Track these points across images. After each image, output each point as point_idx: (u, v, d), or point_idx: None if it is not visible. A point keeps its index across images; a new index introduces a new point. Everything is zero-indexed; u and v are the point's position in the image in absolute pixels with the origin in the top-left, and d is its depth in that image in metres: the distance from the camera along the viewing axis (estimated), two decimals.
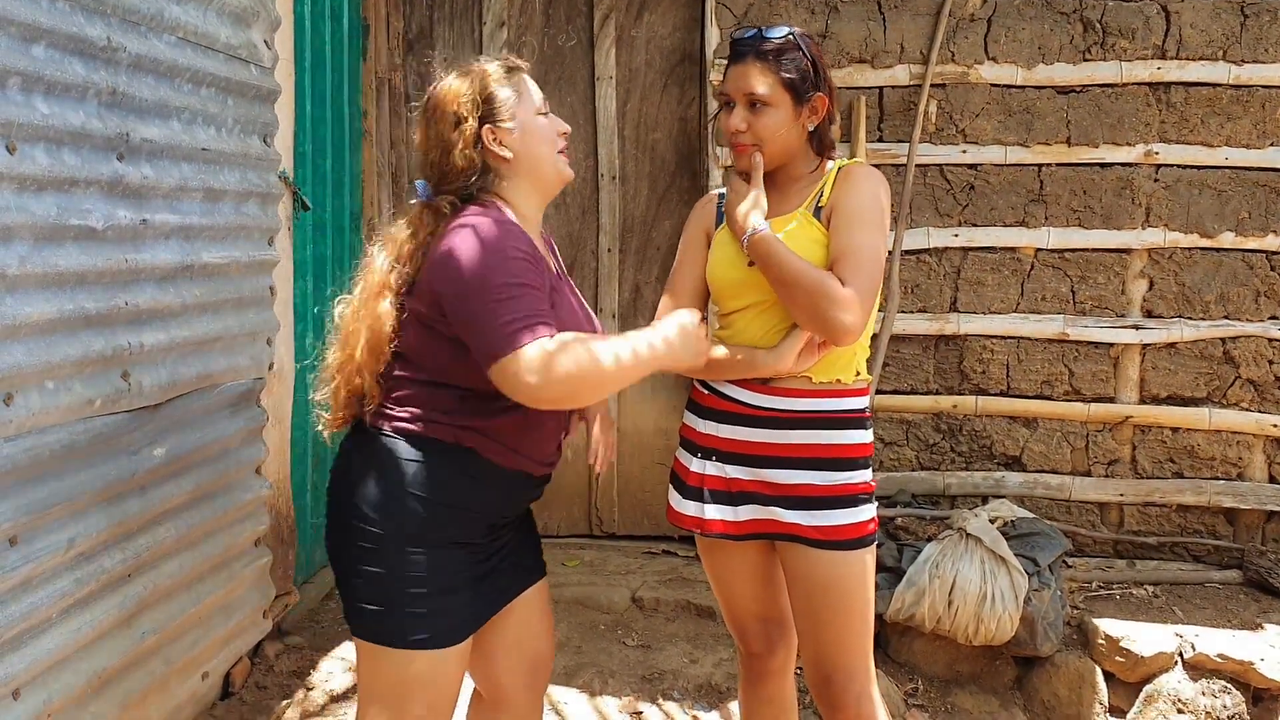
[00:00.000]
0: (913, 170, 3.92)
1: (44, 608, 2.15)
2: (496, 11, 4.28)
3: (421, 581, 1.92)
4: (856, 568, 2.12)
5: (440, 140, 1.97)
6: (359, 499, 1.94)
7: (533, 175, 2.02)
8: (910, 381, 4.04)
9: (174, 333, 2.57)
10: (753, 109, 2.12)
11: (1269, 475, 3.96)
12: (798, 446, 2.12)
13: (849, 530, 2.11)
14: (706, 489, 2.21)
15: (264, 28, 3.00)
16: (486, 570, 2.03)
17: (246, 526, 2.98)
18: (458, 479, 1.93)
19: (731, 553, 2.27)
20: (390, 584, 1.92)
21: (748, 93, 2.12)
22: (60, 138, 2.16)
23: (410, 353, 1.94)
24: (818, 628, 2.15)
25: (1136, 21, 3.85)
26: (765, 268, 2.07)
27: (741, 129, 2.13)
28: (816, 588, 2.12)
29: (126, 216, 2.37)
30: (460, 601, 1.96)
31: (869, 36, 3.94)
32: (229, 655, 2.97)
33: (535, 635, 2.18)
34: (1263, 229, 3.88)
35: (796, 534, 2.12)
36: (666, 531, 4.34)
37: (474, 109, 1.95)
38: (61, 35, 2.15)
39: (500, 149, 1.97)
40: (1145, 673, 3.38)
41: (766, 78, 2.10)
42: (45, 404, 2.12)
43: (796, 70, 2.11)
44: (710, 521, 2.21)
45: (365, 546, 1.93)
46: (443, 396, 1.93)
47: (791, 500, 2.12)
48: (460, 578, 1.97)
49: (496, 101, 1.97)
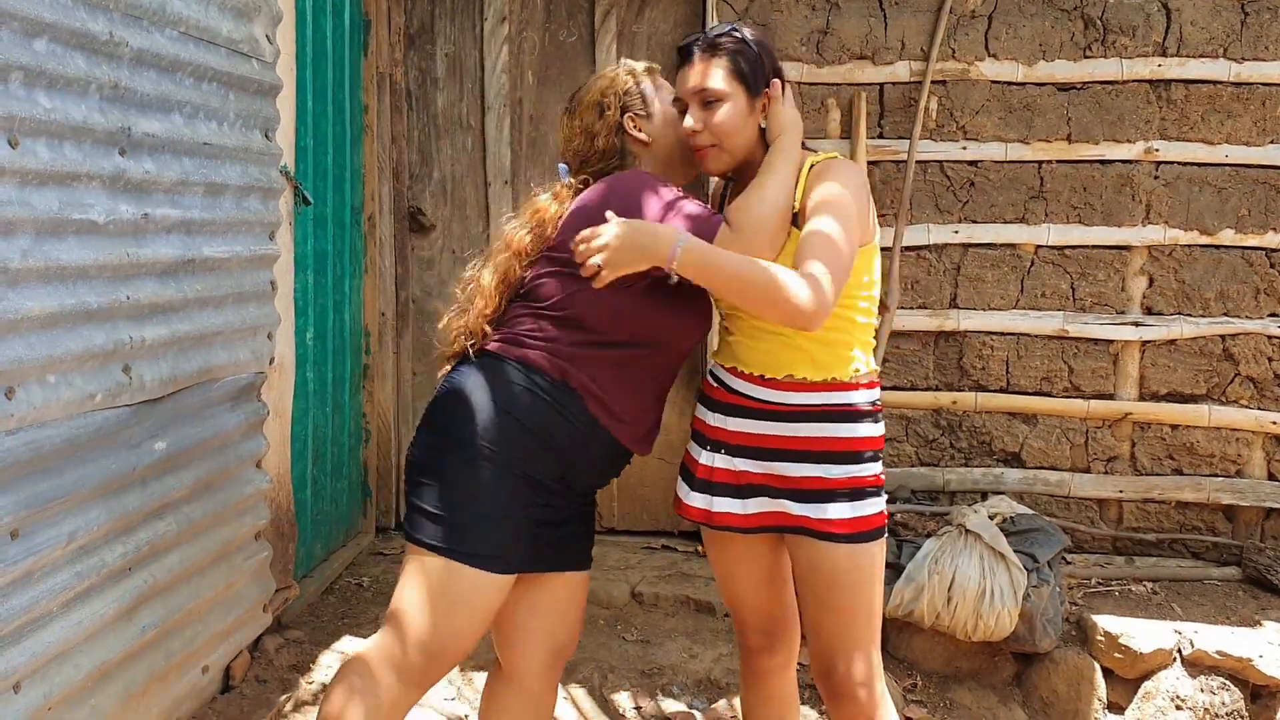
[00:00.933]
0: (913, 166, 3.92)
1: (44, 601, 2.15)
2: (498, 7, 4.27)
3: (489, 498, 2.01)
4: (865, 560, 2.12)
5: (585, 128, 2.23)
6: (452, 409, 2.06)
7: (667, 159, 2.23)
8: (910, 378, 4.05)
9: (175, 327, 2.57)
10: (706, 107, 2.11)
11: (1268, 472, 3.97)
12: (805, 440, 2.12)
13: (858, 523, 2.11)
14: (715, 481, 2.21)
15: (266, 22, 3.00)
16: (548, 519, 2.11)
17: (247, 520, 2.99)
18: (552, 414, 2.04)
19: (737, 546, 2.28)
20: (460, 493, 2.02)
21: (699, 89, 2.11)
22: (62, 132, 2.16)
23: (539, 291, 2.11)
24: (824, 619, 2.15)
25: (1137, 19, 3.85)
26: (708, 279, 1.98)
27: (698, 129, 2.12)
28: (824, 580, 2.12)
29: (128, 211, 2.37)
30: (518, 534, 2.05)
31: (870, 33, 3.94)
32: (229, 649, 2.98)
33: (567, 622, 2.25)
34: (1263, 226, 3.88)
35: (806, 527, 2.12)
36: (666, 526, 4.36)
37: (616, 100, 2.21)
38: (64, 30, 2.15)
39: (638, 133, 2.21)
40: (1144, 669, 3.38)
41: (716, 71, 2.11)
42: (46, 398, 2.12)
43: (746, 60, 2.11)
44: (718, 514, 2.22)
45: (447, 451, 2.03)
46: (560, 328, 2.06)
47: (801, 493, 2.12)
48: (524, 512, 2.06)
49: (635, 94, 2.23)
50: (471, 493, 2.02)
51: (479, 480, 2.02)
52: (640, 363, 2.12)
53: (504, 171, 4.32)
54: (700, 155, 2.16)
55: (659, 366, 2.17)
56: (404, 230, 4.37)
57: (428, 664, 2.03)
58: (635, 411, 2.13)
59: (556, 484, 2.11)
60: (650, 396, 2.18)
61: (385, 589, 3.85)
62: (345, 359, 4.04)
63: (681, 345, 2.19)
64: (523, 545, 2.07)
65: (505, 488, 2.03)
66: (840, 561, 2.11)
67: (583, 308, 2.06)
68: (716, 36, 2.14)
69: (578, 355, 2.06)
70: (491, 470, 2.02)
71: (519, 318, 2.12)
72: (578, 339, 2.06)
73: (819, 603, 2.15)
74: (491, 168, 4.33)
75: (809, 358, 2.13)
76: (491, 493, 2.02)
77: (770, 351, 2.15)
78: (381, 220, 4.28)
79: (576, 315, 2.07)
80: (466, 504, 2.02)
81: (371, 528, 4.36)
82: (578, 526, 2.23)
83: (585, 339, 2.06)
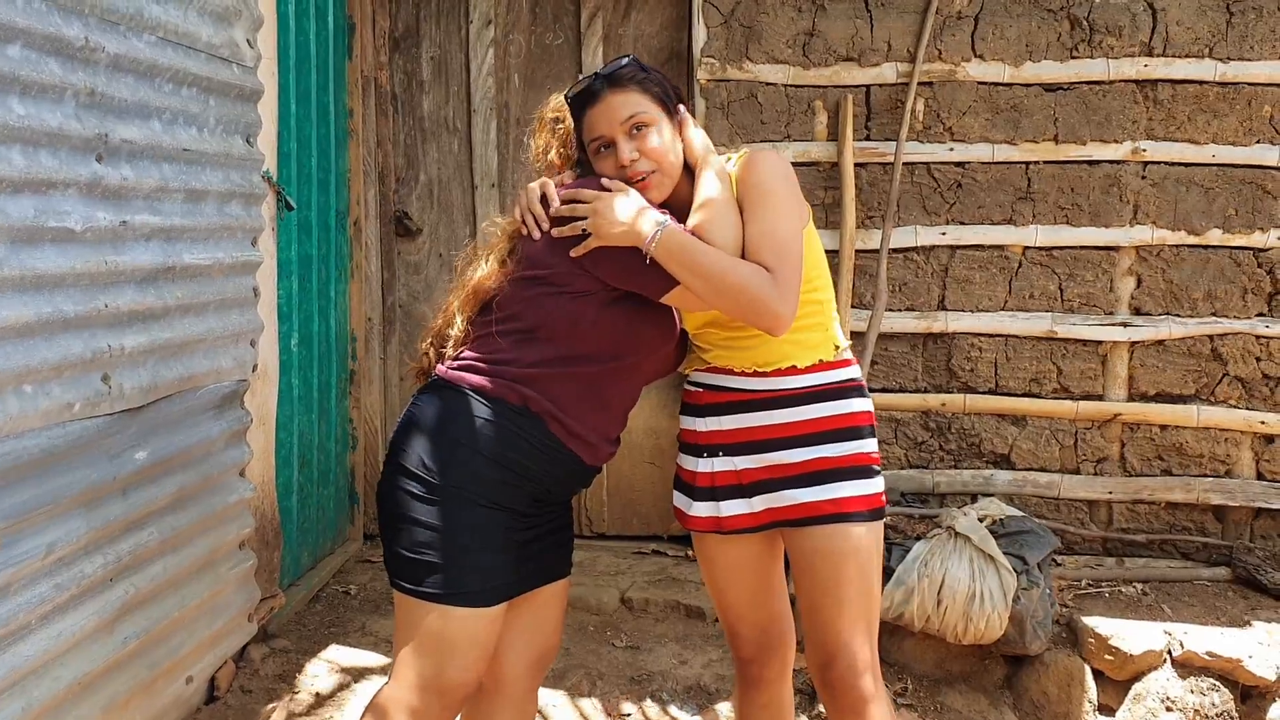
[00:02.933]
0: (900, 168, 3.91)
1: (23, 614, 2.13)
2: (484, 10, 4.26)
3: (466, 536, 1.98)
4: (868, 540, 2.11)
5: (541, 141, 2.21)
6: (416, 446, 2.01)
7: None
8: (899, 380, 4.04)
9: (155, 335, 2.55)
10: (636, 134, 2.06)
11: (1257, 472, 3.96)
12: (803, 423, 2.12)
13: (862, 502, 2.10)
14: (719, 486, 2.19)
15: (246, 26, 2.98)
16: (528, 540, 2.08)
17: (231, 529, 2.96)
18: (516, 441, 2.00)
19: (730, 555, 2.24)
20: (434, 535, 1.98)
21: (626, 118, 2.05)
22: (37, 139, 2.14)
23: (507, 304, 2.04)
24: (829, 604, 2.09)
25: (1123, 19, 3.85)
26: (684, 268, 1.96)
27: (634, 158, 2.05)
28: (834, 563, 2.08)
29: (106, 218, 2.35)
30: (502, 563, 2.02)
31: (856, 35, 3.93)
32: (214, 659, 2.95)
33: (548, 629, 2.24)
34: (1250, 226, 3.88)
35: (814, 514, 2.09)
36: (656, 531, 4.33)
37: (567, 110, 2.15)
38: (38, 35, 2.13)
39: None
40: (1134, 671, 3.37)
41: (636, 97, 2.07)
42: (23, 408, 2.10)
43: (656, 85, 2.10)
44: (727, 519, 2.19)
45: (415, 493, 1.99)
46: (519, 347, 2.01)
47: (805, 478, 2.10)
48: (503, 541, 2.02)
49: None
50: (447, 533, 1.97)
51: (452, 519, 1.97)
52: (603, 380, 2.06)
53: (491, 174, 4.31)
54: (643, 186, 2.07)
55: (622, 384, 2.12)
56: (390, 234, 4.35)
57: (443, 702, 2.01)
58: (599, 430, 2.09)
59: (530, 507, 2.07)
60: (613, 415, 2.14)
61: (373, 596, 3.82)
62: (331, 365, 4.02)
63: (644, 361, 2.12)
64: (510, 570, 2.04)
65: (480, 522, 1.99)
66: (851, 540, 2.08)
67: (542, 318, 2.01)
68: (616, 70, 2.09)
69: (537, 376, 2.00)
70: (463, 508, 1.98)
71: (480, 338, 2.07)
72: (536, 358, 2.01)
73: (825, 588, 2.10)
74: (478, 171, 4.31)
75: (794, 346, 2.12)
76: (467, 530, 1.98)
77: (755, 350, 2.14)
78: (367, 224, 4.26)
79: (534, 326, 2.01)
80: (445, 545, 1.97)
81: (359, 534, 4.33)
82: (557, 536, 2.19)
83: (544, 356, 2.01)
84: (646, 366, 2.15)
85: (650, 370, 2.18)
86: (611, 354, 2.04)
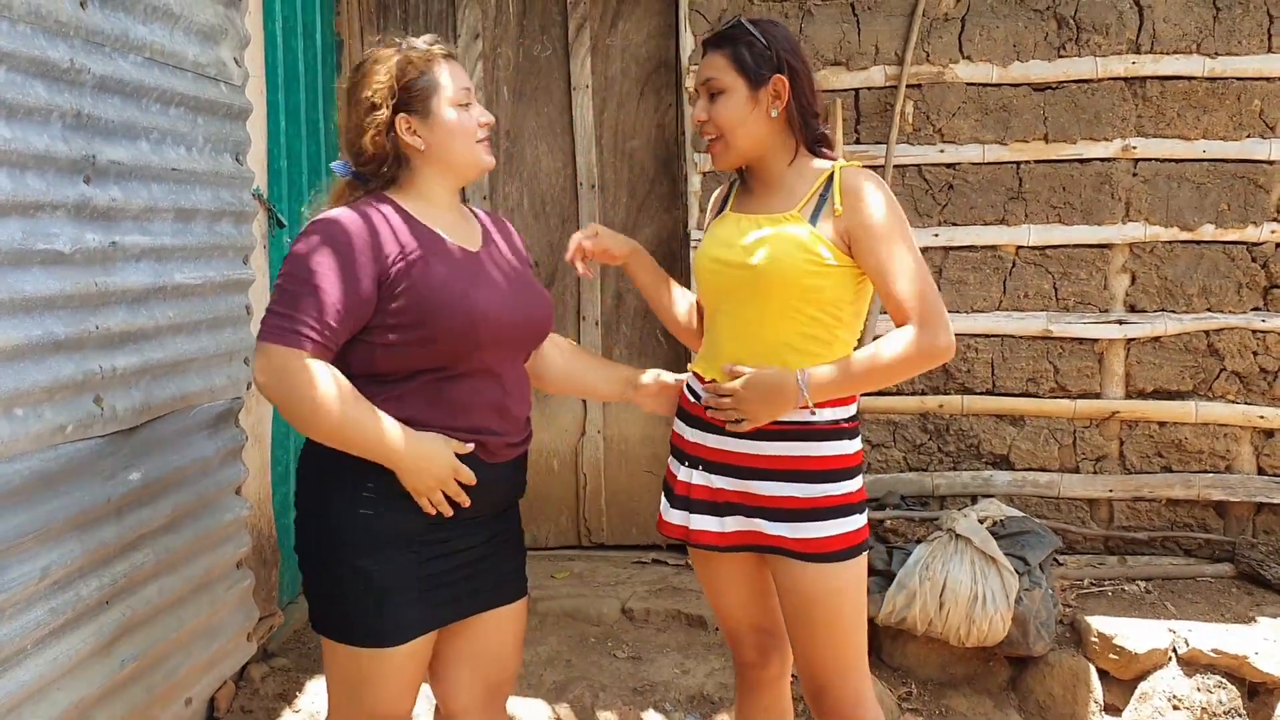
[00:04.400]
0: (891, 171, 3.91)
1: (17, 639, 2.11)
2: (471, 24, 4.26)
3: (362, 579, 1.91)
4: (845, 579, 2.08)
5: (355, 124, 1.97)
6: (303, 496, 1.99)
7: (444, 165, 2.02)
8: (895, 382, 4.02)
9: (148, 355, 2.53)
10: (712, 99, 2.10)
11: (1258, 467, 3.95)
12: (777, 458, 2.08)
13: (834, 542, 2.06)
14: (693, 498, 2.18)
15: (233, 45, 2.97)
16: (438, 570, 1.98)
17: (228, 548, 2.95)
18: (374, 470, 1.89)
19: (722, 563, 2.24)
20: (333, 580, 1.94)
21: (704, 80, 2.11)
22: (24, 161, 2.13)
23: None
24: (809, 639, 2.11)
25: (1110, 17, 3.85)
26: (844, 391, 2.06)
27: (703, 118, 2.12)
28: (805, 600, 2.08)
29: (95, 239, 2.34)
30: (404, 601, 1.93)
31: (843, 39, 3.93)
32: (213, 680, 2.93)
33: (500, 656, 2.14)
34: (1242, 221, 3.87)
35: (781, 547, 2.08)
36: (655, 540, 4.32)
37: (390, 96, 1.94)
38: (23, 58, 2.12)
39: (413, 139, 1.98)
40: (1139, 670, 3.36)
41: (719, 62, 2.09)
42: (14, 432, 2.09)
43: (748, 51, 2.07)
44: (696, 532, 2.18)
45: (310, 542, 1.97)
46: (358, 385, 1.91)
47: (774, 512, 2.08)
48: (403, 578, 1.93)
49: (414, 90, 1.96)
50: (345, 578, 1.92)
51: (347, 563, 1.91)
52: (444, 386, 1.94)
53: (482, 187, 4.30)
54: (709, 150, 2.15)
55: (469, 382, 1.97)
56: None
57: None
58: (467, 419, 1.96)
59: (430, 531, 1.96)
60: (480, 402, 1.97)
61: None
62: None
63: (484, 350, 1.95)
64: (414, 607, 1.95)
65: (376, 563, 1.91)
66: (818, 581, 2.06)
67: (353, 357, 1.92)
68: (726, 28, 2.12)
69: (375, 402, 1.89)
70: (355, 550, 1.91)
71: None
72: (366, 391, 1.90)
73: (801, 622, 2.11)
74: (470, 185, 4.29)
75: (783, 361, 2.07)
76: (366, 572, 1.91)
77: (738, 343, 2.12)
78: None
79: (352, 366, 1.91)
80: (345, 590, 1.92)
81: None
82: (493, 561, 2.07)
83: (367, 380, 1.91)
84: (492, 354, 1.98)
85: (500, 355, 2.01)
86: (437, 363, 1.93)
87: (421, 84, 1.97)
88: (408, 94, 1.96)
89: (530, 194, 4.33)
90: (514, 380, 2.06)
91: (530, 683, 3.29)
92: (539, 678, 3.32)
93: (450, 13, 4.27)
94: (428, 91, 1.97)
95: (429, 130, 1.98)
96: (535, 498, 4.37)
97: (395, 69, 1.96)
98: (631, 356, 4.30)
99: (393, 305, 1.89)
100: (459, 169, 2.04)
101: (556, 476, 4.40)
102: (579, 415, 4.35)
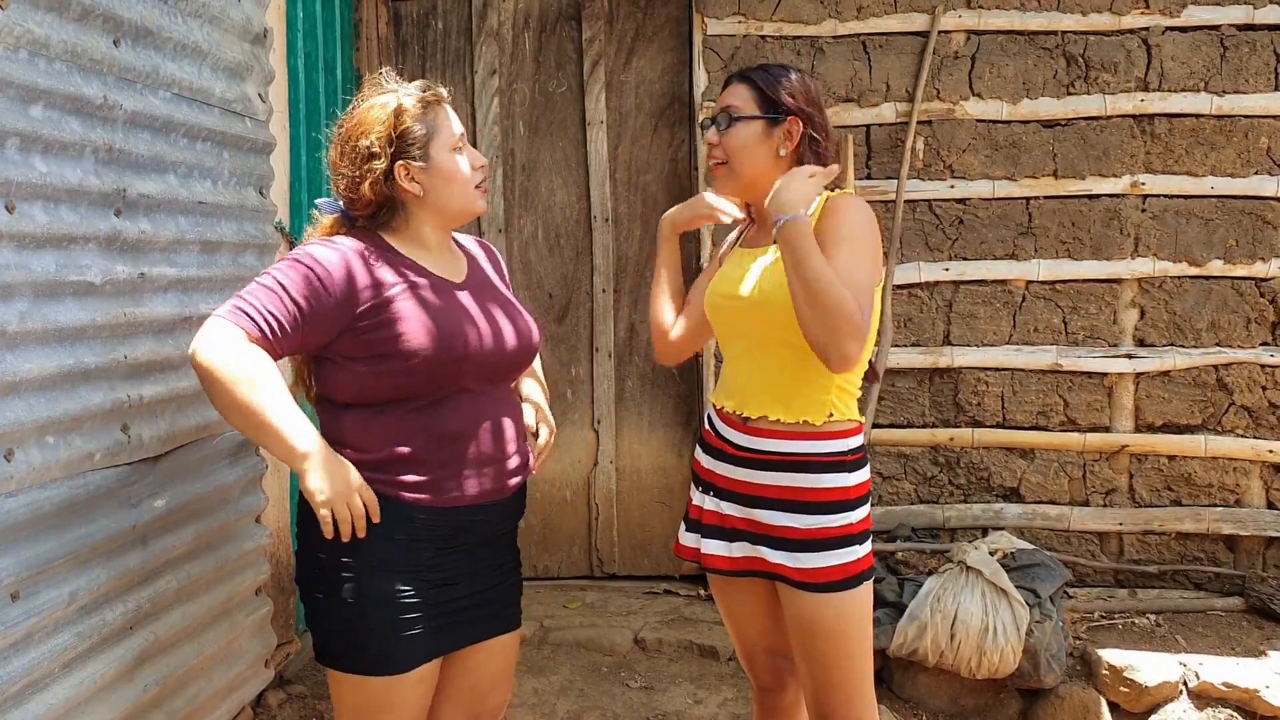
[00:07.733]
0: (902, 206, 3.96)
1: (45, 663, 2.14)
2: (488, 60, 4.33)
3: (369, 607, 1.94)
4: (847, 608, 2.10)
5: (352, 170, 1.99)
6: (304, 524, 2.01)
7: (439, 209, 2.06)
8: (906, 415, 4.06)
9: (173, 384, 2.58)
10: (728, 126, 2.16)
11: (1267, 501, 3.97)
12: (778, 489, 2.12)
13: (833, 572, 2.08)
14: (705, 523, 2.24)
15: (258, 81, 3.04)
16: (444, 599, 2.01)
17: (247, 575, 2.98)
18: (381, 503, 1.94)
19: (735, 587, 2.28)
20: (339, 609, 1.95)
21: (724, 106, 2.18)
22: (58, 195, 2.19)
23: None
24: (812, 667, 2.14)
25: (1118, 55, 3.91)
26: (791, 261, 1.95)
27: (714, 141, 2.19)
28: (806, 628, 2.11)
29: (124, 271, 2.39)
30: (410, 627, 1.96)
31: (855, 76, 3.99)
32: (231, 706, 2.96)
33: (491, 688, 2.16)
34: (1251, 256, 3.91)
35: (783, 574, 2.12)
36: (667, 571, 4.35)
37: (388, 144, 1.97)
38: (59, 95, 2.18)
39: (411, 185, 2.01)
40: (1150, 703, 3.36)
41: (742, 91, 2.17)
42: (46, 459, 2.13)
43: (771, 89, 2.14)
44: (707, 556, 2.23)
45: (315, 571, 1.98)
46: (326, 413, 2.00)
47: (776, 541, 2.12)
48: (409, 604, 1.96)
49: (410, 138, 1.99)
50: (352, 606, 1.94)
51: (354, 592, 1.93)
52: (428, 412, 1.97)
53: (498, 220, 4.36)
54: (713, 173, 2.23)
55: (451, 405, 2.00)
56: None
57: None
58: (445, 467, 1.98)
59: (436, 557, 1.99)
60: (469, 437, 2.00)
61: None
62: None
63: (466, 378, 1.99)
64: (421, 633, 1.97)
65: (382, 591, 1.94)
66: (819, 609, 2.09)
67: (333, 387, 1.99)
68: (758, 66, 2.22)
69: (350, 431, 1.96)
70: (361, 579, 1.93)
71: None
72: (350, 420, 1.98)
73: (804, 651, 2.14)
74: (485, 217, 4.36)
75: (782, 392, 2.11)
76: (372, 600, 1.94)
77: (746, 376, 2.17)
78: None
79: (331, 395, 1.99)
80: (352, 619, 1.94)
81: None
82: (491, 594, 2.10)
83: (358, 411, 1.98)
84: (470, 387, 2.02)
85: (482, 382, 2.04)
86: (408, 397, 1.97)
87: (419, 131, 1.99)
88: (404, 141, 1.98)
89: (545, 227, 4.39)
90: (499, 405, 2.08)
91: (544, 712, 3.30)
92: (552, 707, 3.34)
93: (467, 49, 4.35)
94: (426, 138, 2.00)
95: (427, 176, 2.01)
96: (547, 528, 4.41)
97: (392, 116, 1.98)
98: (644, 388, 4.34)
99: (370, 336, 1.93)
100: (453, 214, 2.07)
101: (569, 507, 4.42)
102: (591, 446, 4.39)
